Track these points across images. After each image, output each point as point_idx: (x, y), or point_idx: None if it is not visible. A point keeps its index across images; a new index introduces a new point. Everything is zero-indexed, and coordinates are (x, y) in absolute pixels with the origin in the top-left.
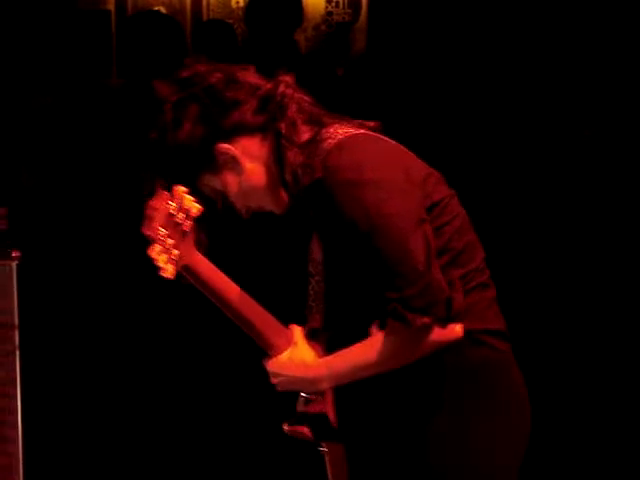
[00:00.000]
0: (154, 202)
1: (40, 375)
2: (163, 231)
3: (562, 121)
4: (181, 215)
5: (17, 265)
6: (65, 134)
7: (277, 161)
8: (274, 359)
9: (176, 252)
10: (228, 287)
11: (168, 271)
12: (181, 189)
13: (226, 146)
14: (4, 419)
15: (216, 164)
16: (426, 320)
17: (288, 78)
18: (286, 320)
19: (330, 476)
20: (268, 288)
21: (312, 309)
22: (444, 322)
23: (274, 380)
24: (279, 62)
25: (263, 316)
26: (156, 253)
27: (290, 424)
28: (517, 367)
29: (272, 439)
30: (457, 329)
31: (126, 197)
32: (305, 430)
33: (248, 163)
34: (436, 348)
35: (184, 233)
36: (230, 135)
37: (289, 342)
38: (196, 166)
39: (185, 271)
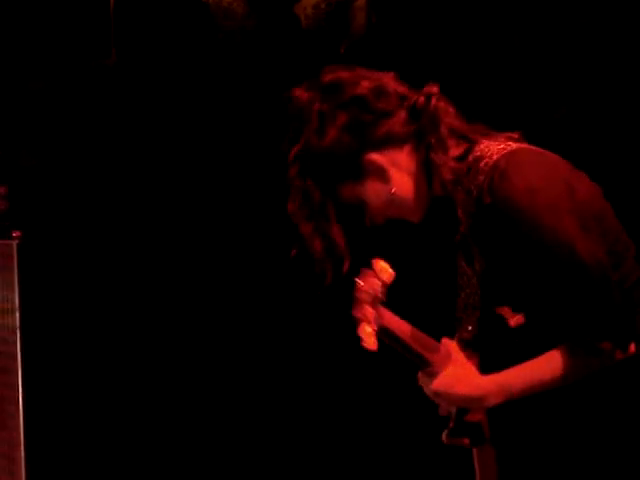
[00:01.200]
0: (362, 284)
1: (41, 356)
2: (371, 310)
3: (532, 103)
4: (380, 287)
5: (17, 245)
6: (65, 114)
7: (425, 174)
8: (438, 378)
9: (376, 323)
10: (409, 330)
11: (373, 344)
12: (382, 263)
13: (375, 156)
14: (5, 408)
15: (362, 173)
16: (610, 346)
17: (436, 89)
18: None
19: (479, 474)
20: (410, 300)
21: (462, 321)
22: (627, 344)
23: (437, 399)
24: (280, 37)
25: (418, 335)
26: (364, 332)
27: (450, 435)
28: None
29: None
30: (632, 347)
31: (127, 178)
32: (466, 441)
33: (395, 174)
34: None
35: (380, 301)
36: (379, 145)
37: (446, 358)
38: (341, 174)
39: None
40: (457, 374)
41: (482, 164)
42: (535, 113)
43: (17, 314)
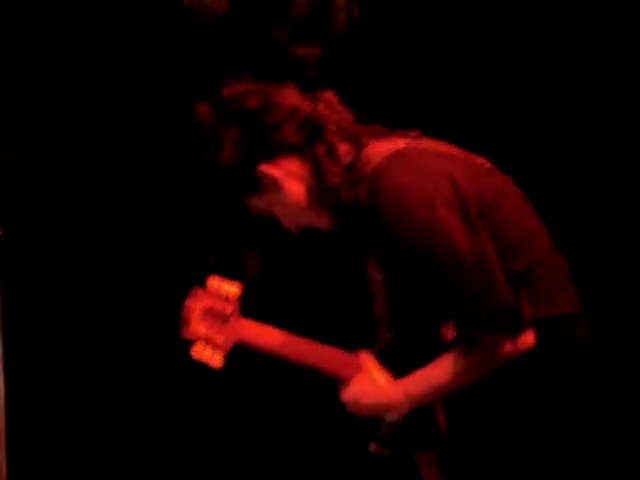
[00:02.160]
0: (189, 303)
1: (23, 355)
2: (202, 330)
3: (481, 108)
4: (220, 303)
5: None
6: (44, 109)
7: (317, 182)
8: (346, 390)
9: (221, 339)
10: (283, 340)
11: (216, 361)
12: (215, 279)
13: (267, 168)
14: None
15: (260, 185)
16: (496, 337)
17: (329, 96)
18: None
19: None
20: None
21: (379, 329)
22: (514, 336)
23: (351, 410)
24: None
25: (324, 352)
26: (198, 352)
27: (377, 445)
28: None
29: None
30: (528, 339)
31: (108, 173)
32: (387, 452)
33: (289, 183)
34: (509, 360)
35: (226, 317)
36: (270, 156)
37: (357, 368)
38: (240, 188)
39: (240, 345)
40: (363, 384)
41: (366, 169)
42: (483, 120)
43: None
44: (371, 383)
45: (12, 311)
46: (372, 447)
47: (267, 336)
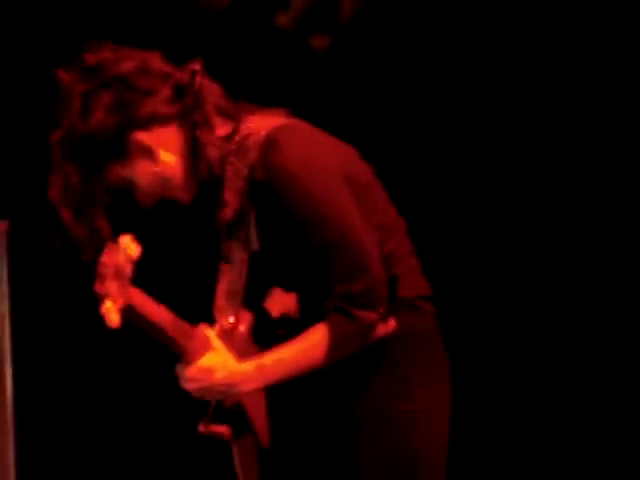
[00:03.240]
0: (104, 258)
1: (31, 348)
2: (115, 286)
3: (506, 10)
4: (124, 263)
5: (6, 234)
6: (51, 102)
7: (192, 153)
8: (193, 365)
9: (121, 300)
10: (149, 303)
11: (115, 321)
12: (127, 238)
13: (141, 135)
14: None
15: (128, 154)
16: (372, 316)
17: (198, 66)
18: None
19: (240, 468)
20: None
21: (222, 309)
22: (386, 317)
23: (191, 386)
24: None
25: (172, 319)
26: (107, 309)
27: (206, 424)
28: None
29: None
30: (392, 322)
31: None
32: (224, 429)
33: (162, 153)
34: (375, 340)
35: (124, 278)
36: (144, 125)
37: (203, 345)
38: (107, 156)
39: (124, 311)
40: (212, 363)
41: (251, 141)
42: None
43: (6, 302)
44: (220, 362)
45: (21, 302)
46: (202, 427)
47: (150, 306)
